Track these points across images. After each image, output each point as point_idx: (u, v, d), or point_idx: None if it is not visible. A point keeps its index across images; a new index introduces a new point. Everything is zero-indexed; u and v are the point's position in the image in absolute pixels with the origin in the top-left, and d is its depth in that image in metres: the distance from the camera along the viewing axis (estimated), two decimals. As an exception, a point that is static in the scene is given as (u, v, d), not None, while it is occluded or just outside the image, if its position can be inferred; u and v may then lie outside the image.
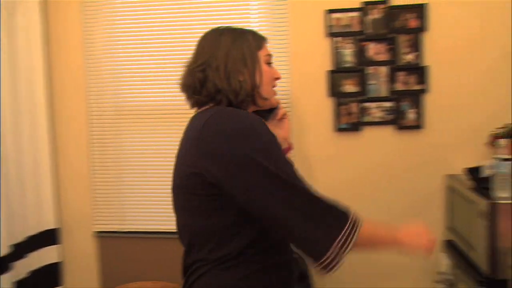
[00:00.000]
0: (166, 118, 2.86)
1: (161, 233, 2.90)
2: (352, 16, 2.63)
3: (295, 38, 2.71)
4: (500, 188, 2.06)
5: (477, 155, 2.56)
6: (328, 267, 1.16)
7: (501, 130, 2.39)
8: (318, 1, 2.66)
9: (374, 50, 2.62)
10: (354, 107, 2.65)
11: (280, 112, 1.69)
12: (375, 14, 2.61)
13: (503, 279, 1.97)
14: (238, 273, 1.23)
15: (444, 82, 2.60)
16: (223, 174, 1.17)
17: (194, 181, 1.22)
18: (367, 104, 2.64)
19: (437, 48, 2.59)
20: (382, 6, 2.60)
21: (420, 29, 2.58)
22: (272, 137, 1.22)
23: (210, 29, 1.43)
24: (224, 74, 1.31)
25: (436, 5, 2.57)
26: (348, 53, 2.64)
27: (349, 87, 2.65)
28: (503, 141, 2.05)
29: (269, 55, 1.43)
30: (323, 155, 2.73)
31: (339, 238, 1.15)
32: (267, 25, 2.74)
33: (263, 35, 1.45)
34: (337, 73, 2.66)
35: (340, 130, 2.68)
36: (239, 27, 1.43)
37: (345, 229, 1.16)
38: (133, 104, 2.88)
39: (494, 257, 2.00)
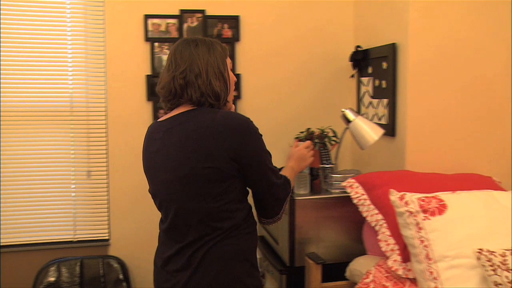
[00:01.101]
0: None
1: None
2: (170, 23, 2.70)
3: (113, 41, 2.67)
4: (300, 186, 2.31)
5: (284, 157, 2.82)
6: (282, 214, 1.66)
7: (303, 134, 2.68)
8: (136, 5, 2.66)
9: (191, 57, 2.71)
10: (172, 111, 2.71)
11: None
12: (192, 22, 2.71)
13: (301, 266, 2.22)
14: (244, 235, 1.56)
15: (253, 89, 2.82)
16: (247, 161, 1.51)
17: (207, 172, 1.47)
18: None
19: (248, 57, 2.80)
20: (199, 15, 2.71)
21: (234, 39, 2.76)
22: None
23: (182, 40, 1.59)
24: (206, 79, 1.53)
25: (247, 17, 2.78)
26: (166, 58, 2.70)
27: (168, 92, 2.71)
28: (300, 144, 2.30)
29: (231, 62, 1.67)
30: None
31: (286, 201, 1.66)
32: (82, 27, 2.65)
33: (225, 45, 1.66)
34: (156, 78, 2.69)
35: (159, 134, 2.72)
36: (207, 38, 1.62)
37: (289, 195, 1.67)
38: None
39: (293, 248, 2.23)
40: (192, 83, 1.52)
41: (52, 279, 2.53)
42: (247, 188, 1.61)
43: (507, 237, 1.65)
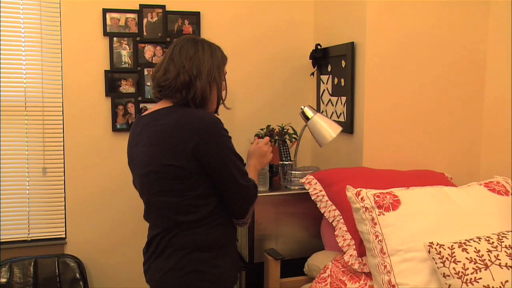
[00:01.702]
0: None
1: None
2: (129, 18, 2.65)
3: (70, 36, 2.60)
4: (259, 183, 2.32)
5: (244, 155, 2.83)
6: (246, 223, 1.75)
7: (263, 131, 2.69)
8: (94, -1, 2.61)
9: (151, 52, 2.68)
10: (131, 107, 2.67)
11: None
12: (152, 17, 2.68)
13: (260, 262, 2.23)
14: (209, 228, 1.64)
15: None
16: (212, 162, 1.58)
17: (171, 169, 1.56)
18: (144, 105, 2.69)
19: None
20: (159, 10, 2.68)
21: (194, 34, 2.74)
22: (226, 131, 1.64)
23: (188, 38, 1.69)
24: (206, 83, 1.63)
25: (208, 13, 2.77)
26: (126, 53, 2.66)
27: (126, 87, 2.67)
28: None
29: (226, 72, 1.77)
30: (100, 155, 2.69)
31: (253, 205, 1.72)
32: (36, 20, 2.57)
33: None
34: (115, 73, 2.65)
35: (118, 130, 2.68)
36: (211, 43, 1.72)
37: (256, 199, 1.72)
38: None
39: (252, 244, 2.25)
40: (192, 84, 1.61)
41: (3, 280, 2.45)
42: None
43: (456, 230, 1.71)
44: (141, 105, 2.69)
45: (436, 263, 1.56)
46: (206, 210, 1.62)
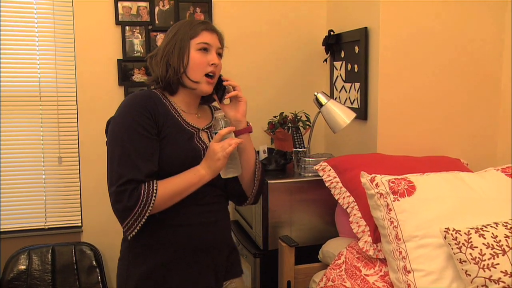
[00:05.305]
0: None
1: None
2: (141, 6, 2.65)
3: (82, 25, 2.61)
4: (229, 167, 2.29)
5: (256, 141, 2.82)
6: (128, 231, 1.47)
7: (276, 118, 2.68)
8: (106, -13, 2.61)
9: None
10: (144, 96, 2.68)
11: (229, 94, 1.69)
12: (164, 5, 2.67)
13: (275, 249, 2.23)
14: None
15: (225, 74, 2.77)
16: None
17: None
18: (157, 94, 2.69)
19: (222, 42, 2.78)
20: (170, -2, 2.67)
21: (206, 23, 2.73)
22: (132, 114, 1.53)
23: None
24: (160, 61, 1.57)
25: (219, 1, 2.75)
26: (138, 42, 2.66)
27: (139, 76, 2.68)
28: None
29: (203, 43, 1.56)
30: (115, 145, 2.70)
31: (131, 215, 1.46)
32: (49, 9, 2.58)
33: (204, 23, 1.61)
34: (127, 62, 2.66)
35: (131, 119, 2.69)
36: (185, 20, 1.64)
37: (135, 210, 1.46)
38: None
39: (266, 232, 2.25)
40: (151, 65, 1.62)
41: (22, 267, 2.50)
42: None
43: (473, 216, 1.69)
44: (154, 94, 2.69)
45: (452, 248, 1.55)
46: None
